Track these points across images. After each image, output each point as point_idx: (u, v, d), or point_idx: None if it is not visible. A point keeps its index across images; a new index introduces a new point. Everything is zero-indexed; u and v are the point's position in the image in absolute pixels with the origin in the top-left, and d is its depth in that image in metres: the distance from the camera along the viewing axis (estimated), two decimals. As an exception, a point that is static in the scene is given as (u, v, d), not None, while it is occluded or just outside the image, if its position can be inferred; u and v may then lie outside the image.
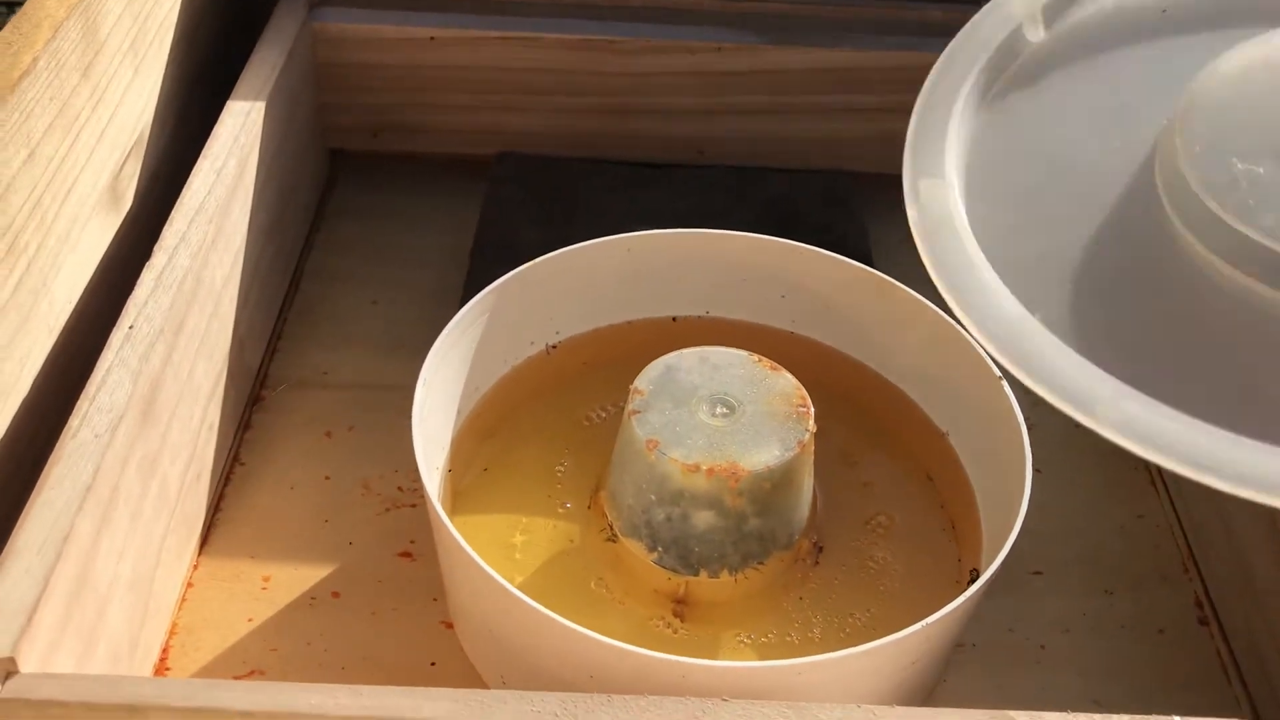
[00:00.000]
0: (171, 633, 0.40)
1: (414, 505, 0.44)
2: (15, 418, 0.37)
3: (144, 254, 0.40)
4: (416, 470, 0.45)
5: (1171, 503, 0.46)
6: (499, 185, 0.55)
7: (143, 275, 0.39)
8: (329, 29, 0.53)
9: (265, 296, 0.49)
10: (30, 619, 0.30)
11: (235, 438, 0.46)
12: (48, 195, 0.39)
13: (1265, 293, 0.22)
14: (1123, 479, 0.47)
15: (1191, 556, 0.44)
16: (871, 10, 0.54)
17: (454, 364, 0.41)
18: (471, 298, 0.42)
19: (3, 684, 0.29)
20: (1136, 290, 0.23)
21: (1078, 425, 0.27)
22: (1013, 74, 0.27)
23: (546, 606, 0.33)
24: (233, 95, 0.47)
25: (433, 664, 0.39)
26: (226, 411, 0.44)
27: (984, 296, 0.23)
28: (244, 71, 0.49)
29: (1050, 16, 0.27)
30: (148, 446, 0.37)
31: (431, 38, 0.53)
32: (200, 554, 0.42)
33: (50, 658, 0.31)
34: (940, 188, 0.25)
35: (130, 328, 0.37)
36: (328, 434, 0.47)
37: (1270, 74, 0.23)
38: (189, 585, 0.41)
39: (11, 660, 0.29)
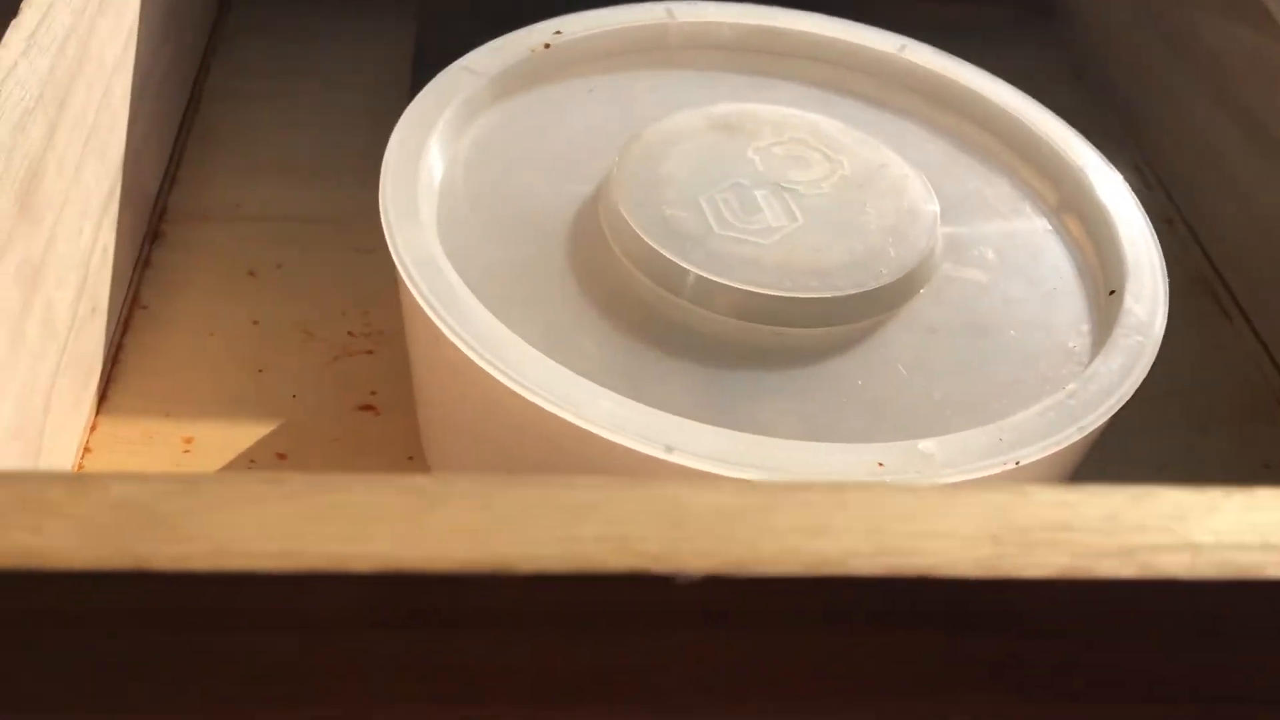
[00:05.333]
0: (66, 508, 0.30)
1: (370, 351, 0.35)
2: None
3: None
4: (369, 311, 0.37)
5: (1254, 332, 0.40)
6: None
7: (8, 36, 0.29)
8: None
9: (161, 109, 0.39)
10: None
11: (134, 275, 0.36)
12: None
13: (702, 315, 0.28)
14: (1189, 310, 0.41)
15: (1285, 386, 0.38)
16: None
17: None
18: None
19: None
20: (594, 309, 0.28)
21: None
22: (474, 124, 0.33)
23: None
24: None
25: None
26: (122, 239, 0.35)
27: (470, 322, 0.26)
28: None
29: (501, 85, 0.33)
30: (29, 249, 0.27)
31: None
32: (98, 413, 0.33)
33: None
34: (421, 229, 0.28)
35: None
36: (251, 273, 0.37)
37: (705, 138, 0.31)
38: (86, 450, 0.32)
39: None
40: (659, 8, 0.36)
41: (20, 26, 0.30)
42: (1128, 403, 0.28)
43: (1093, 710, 0.15)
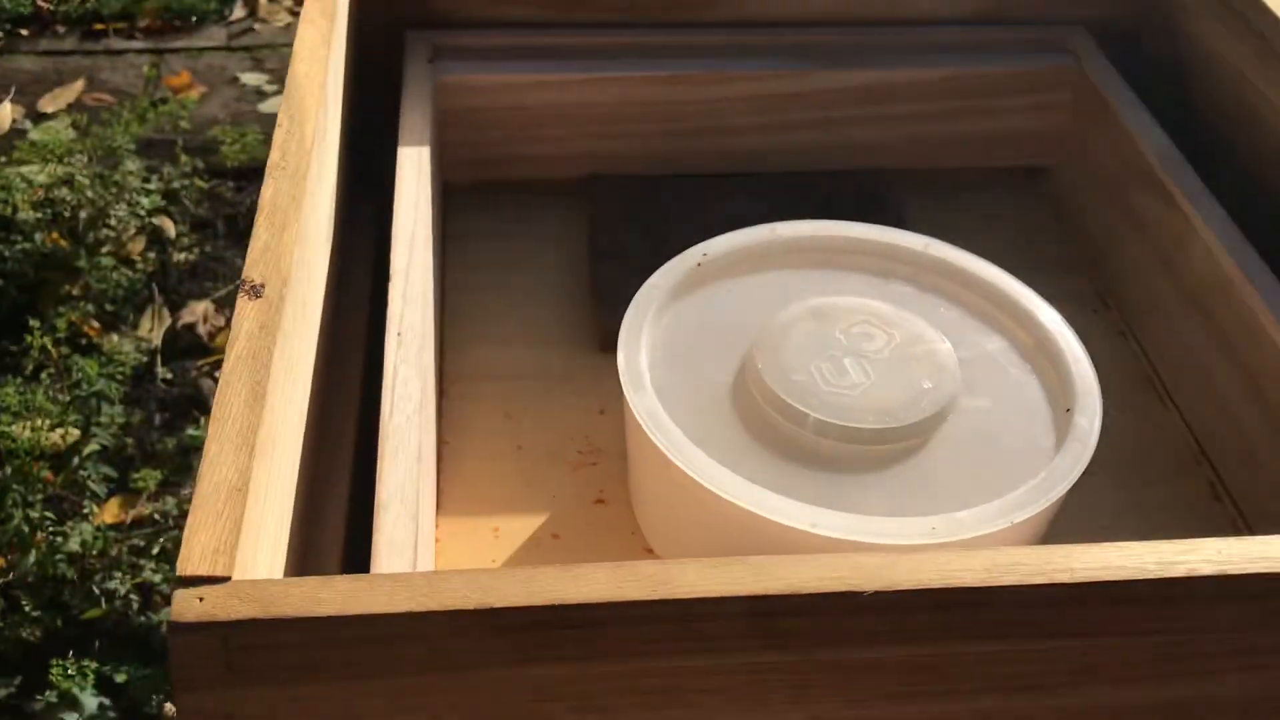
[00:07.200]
0: (435, 577, 0.49)
1: (594, 464, 0.55)
2: (308, 412, 0.47)
3: (340, 277, 0.50)
4: (588, 437, 0.56)
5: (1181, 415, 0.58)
6: (599, 202, 0.66)
7: (391, 293, 0.49)
8: (451, 80, 0.63)
9: (435, 306, 0.59)
10: (415, 551, 0.40)
11: (439, 423, 0.56)
12: (314, 218, 0.48)
13: (819, 441, 0.47)
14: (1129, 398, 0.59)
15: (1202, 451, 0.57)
16: (896, 37, 0.66)
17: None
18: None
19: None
20: (754, 441, 0.48)
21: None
22: (663, 319, 0.52)
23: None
24: (400, 143, 0.57)
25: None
26: (435, 400, 0.54)
27: (687, 454, 0.45)
28: (402, 125, 0.58)
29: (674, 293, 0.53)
30: (428, 428, 0.47)
31: (538, 82, 0.64)
32: (438, 516, 0.52)
33: (419, 582, 0.41)
34: (647, 396, 0.47)
35: (399, 334, 0.47)
36: (508, 415, 0.57)
37: (806, 324, 0.50)
38: (438, 541, 0.51)
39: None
40: (765, 228, 0.56)
41: (395, 286, 0.49)
42: (1096, 465, 0.47)
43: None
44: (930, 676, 0.34)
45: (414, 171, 0.55)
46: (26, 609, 1.06)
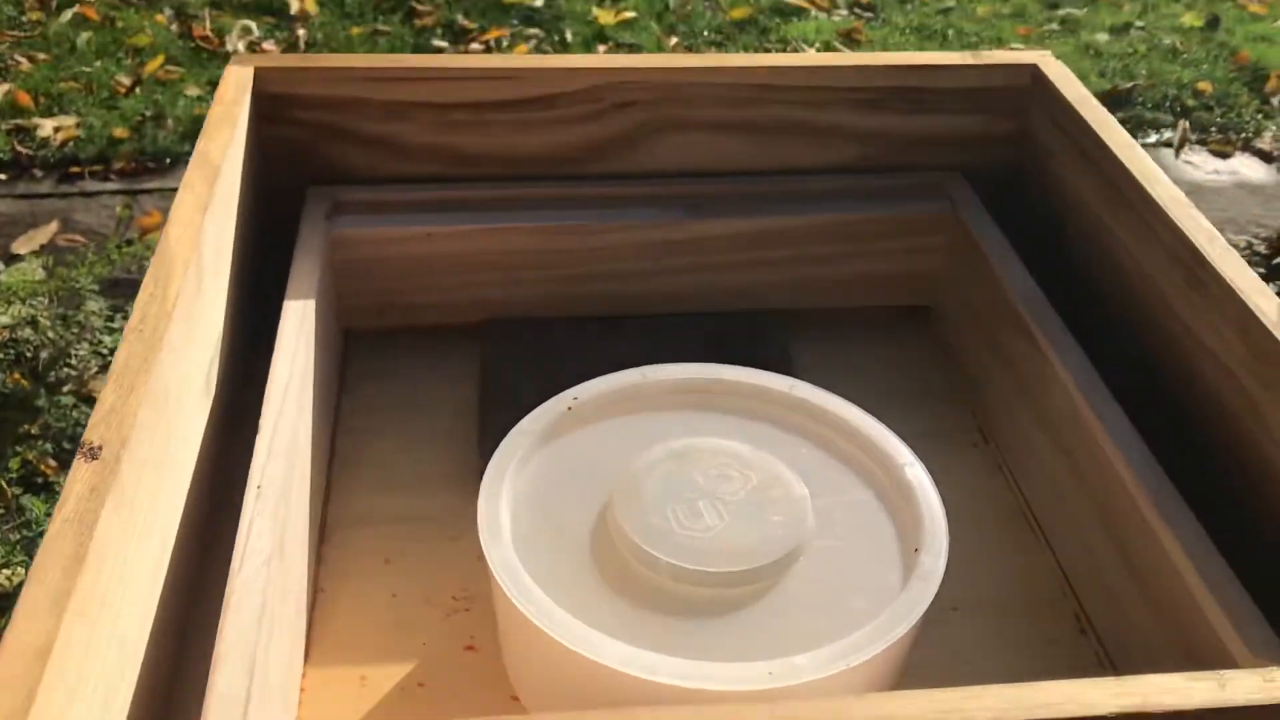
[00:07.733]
0: (298, 728, 0.50)
1: (468, 610, 0.55)
2: (169, 566, 0.48)
3: (226, 430, 0.51)
4: (462, 581, 0.57)
5: (1049, 545, 0.59)
6: (491, 345, 0.68)
7: (257, 446, 0.50)
8: (345, 234, 0.65)
9: (320, 454, 0.60)
10: (245, 710, 0.40)
11: (315, 570, 0.56)
12: (177, 378, 0.50)
13: (672, 585, 0.48)
14: (1009, 533, 0.60)
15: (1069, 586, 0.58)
16: (778, 185, 0.69)
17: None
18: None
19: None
20: (608, 588, 0.49)
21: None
22: (529, 465, 0.53)
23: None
24: (286, 296, 0.59)
25: (510, 729, 0.50)
26: (311, 551, 0.55)
27: (536, 602, 0.47)
28: (290, 279, 0.60)
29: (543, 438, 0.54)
30: (284, 579, 0.48)
31: (429, 234, 0.66)
32: (305, 664, 0.52)
33: (255, 737, 0.41)
34: (503, 547, 0.49)
35: (259, 487, 0.48)
36: (386, 561, 0.58)
37: (666, 466, 0.52)
38: (303, 690, 0.51)
39: (242, 736, 0.40)
40: (635, 372, 0.57)
41: (262, 438, 0.51)
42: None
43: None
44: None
45: (296, 324, 0.57)
46: (-43, 757, 1.05)
